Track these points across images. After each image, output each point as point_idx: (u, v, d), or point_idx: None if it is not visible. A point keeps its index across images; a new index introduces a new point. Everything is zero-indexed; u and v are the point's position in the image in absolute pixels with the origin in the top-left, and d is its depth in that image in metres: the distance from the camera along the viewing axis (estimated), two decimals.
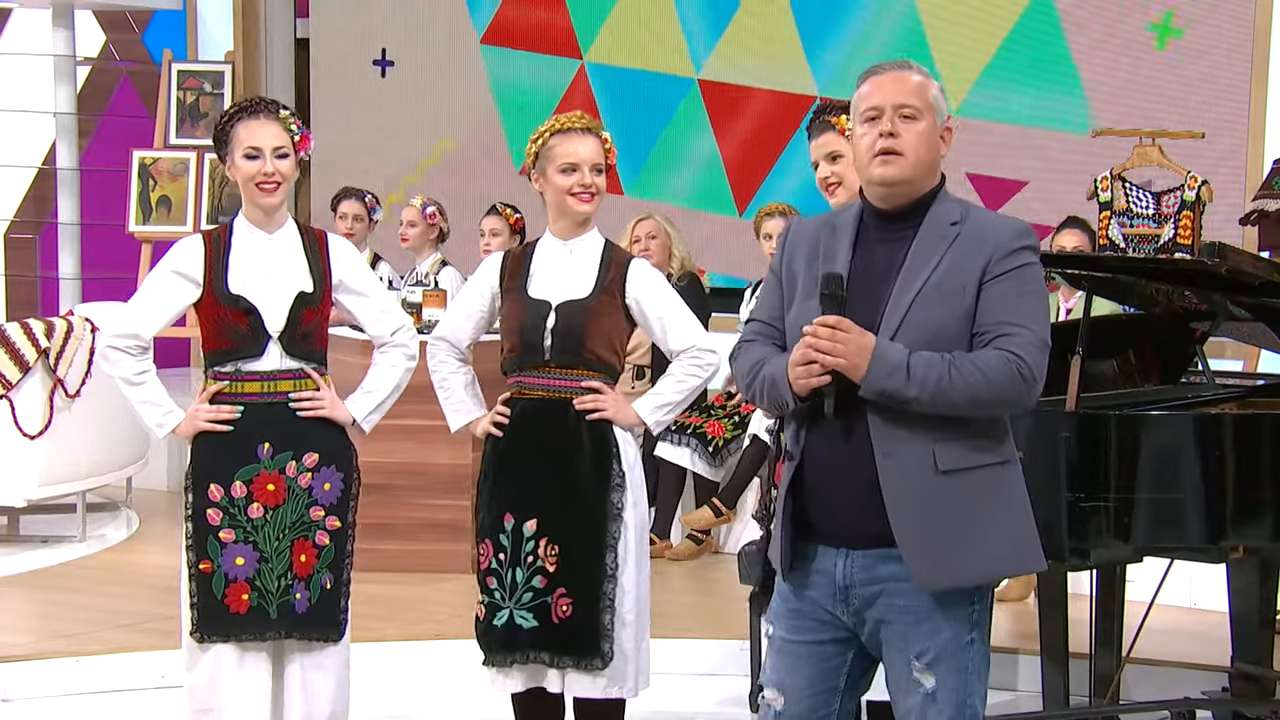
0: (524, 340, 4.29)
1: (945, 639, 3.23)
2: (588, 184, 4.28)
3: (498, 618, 4.29)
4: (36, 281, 11.00)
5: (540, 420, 4.29)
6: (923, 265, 3.20)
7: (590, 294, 4.28)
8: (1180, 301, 4.99)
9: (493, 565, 4.31)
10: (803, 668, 3.34)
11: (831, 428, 3.20)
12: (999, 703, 5.27)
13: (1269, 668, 4.99)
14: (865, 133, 3.24)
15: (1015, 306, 3.18)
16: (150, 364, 4.33)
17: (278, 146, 4.27)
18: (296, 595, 4.27)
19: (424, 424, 6.59)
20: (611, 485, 4.29)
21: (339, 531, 4.34)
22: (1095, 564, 4.64)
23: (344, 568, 4.36)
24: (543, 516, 4.27)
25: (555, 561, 4.25)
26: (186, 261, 4.30)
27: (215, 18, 10.49)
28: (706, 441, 7.25)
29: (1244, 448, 4.36)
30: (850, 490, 3.21)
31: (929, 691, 3.23)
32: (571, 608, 4.24)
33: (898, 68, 3.28)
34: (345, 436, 4.39)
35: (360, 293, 4.42)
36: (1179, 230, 6.83)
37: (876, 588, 3.24)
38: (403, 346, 4.48)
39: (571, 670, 4.26)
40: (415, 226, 7.90)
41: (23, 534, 7.72)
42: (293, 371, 4.29)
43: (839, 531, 3.25)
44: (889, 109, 3.22)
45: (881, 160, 3.22)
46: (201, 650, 4.29)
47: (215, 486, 4.26)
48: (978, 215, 3.28)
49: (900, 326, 3.16)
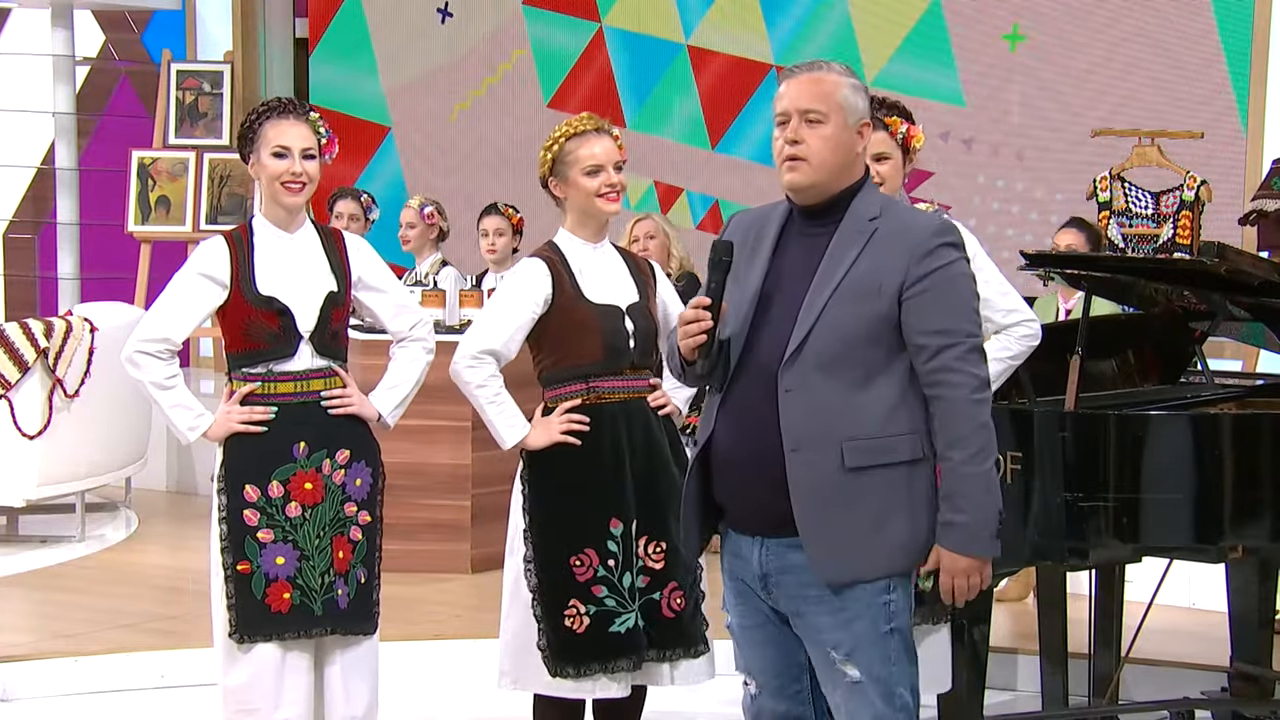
0: (608, 345, 4.26)
1: (861, 629, 3.25)
2: (614, 183, 4.29)
3: (618, 624, 4.24)
4: (35, 281, 11.01)
5: (622, 422, 4.29)
6: (839, 263, 3.25)
7: (641, 296, 4.35)
8: (1179, 301, 4.99)
9: (600, 573, 4.24)
10: (760, 650, 3.41)
11: (742, 415, 3.27)
12: (998, 703, 5.27)
13: (1268, 668, 5.00)
14: (776, 136, 3.31)
15: (945, 313, 3.23)
16: (178, 368, 4.31)
17: (306, 147, 4.26)
18: (339, 591, 4.28)
19: (424, 424, 6.60)
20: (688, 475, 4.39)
21: (370, 526, 4.36)
22: (1094, 564, 4.65)
23: (375, 561, 4.38)
24: (641, 516, 4.29)
25: (663, 558, 4.29)
26: (213, 264, 4.26)
27: (214, 18, 10.49)
28: None
29: (1243, 448, 4.36)
30: (757, 478, 3.26)
31: (854, 681, 3.26)
32: (684, 601, 4.31)
33: (809, 69, 3.31)
34: (371, 432, 4.41)
35: (379, 289, 4.43)
36: (1178, 230, 6.83)
37: (789, 576, 3.28)
38: (421, 341, 4.49)
39: (685, 659, 4.33)
40: (414, 227, 7.89)
41: (22, 534, 7.72)
42: (322, 370, 4.29)
43: (747, 517, 3.32)
44: (795, 114, 3.27)
45: (788, 166, 3.29)
46: (242, 651, 4.24)
47: (251, 487, 4.24)
48: (896, 211, 3.32)
49: (815, 326, 3.21)
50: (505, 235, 7.46)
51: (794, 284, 3.27)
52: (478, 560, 6.81)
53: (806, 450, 3.20)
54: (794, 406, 3.21)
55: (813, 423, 3.20)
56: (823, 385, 3.19)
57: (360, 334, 6.50)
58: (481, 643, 4.47)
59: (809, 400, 3.20)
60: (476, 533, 6.83)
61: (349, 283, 4.35)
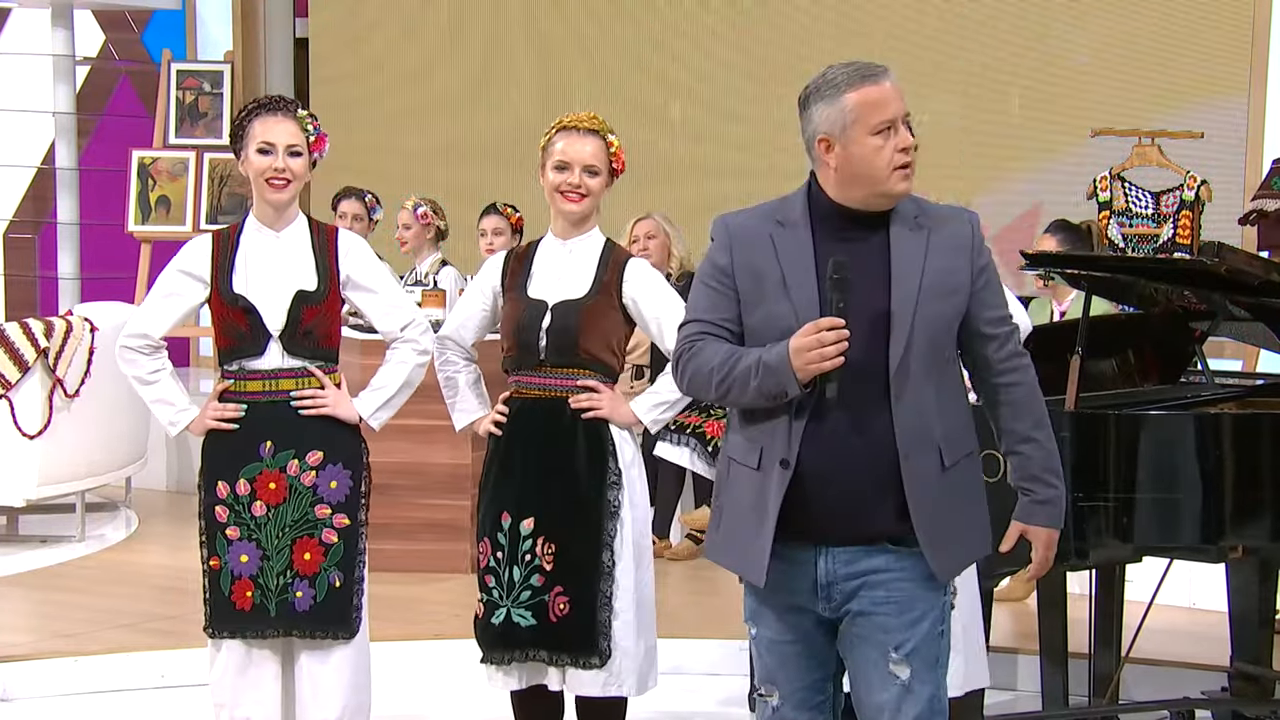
0: (520, 340, 4.30)
1: (925, 630, 3.25)
2: (575, 184, 4.29)
3: (496, 616, 4.30)
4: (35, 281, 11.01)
5: (536, 419, 4.31)
6: (911, 263, 3.21)
7: (586, 294, 4.30)
8: (1180, 301, 4.99)
9: (490, 564, 4.33)
10: (792, 663, 3.35)
11: (837, 433, 3.17)
12: (999, 702, 5.27)
13: (1268, 667, 4.99)
14: (880, 145, 3.17)
15: (1001, 301, 3.32)
16: (164, 362, 4.37)
17: (291, 144, 4.27)
18: (298, 593, 4.27)
19: (424, 424, 6.60)
20: (608, 483, 4.30)
21: (349, 529, 4.34)
22: (1095, 564, 4.64)
23: (356, 565, 4.36)
24: (539, 515, 4.28)
25: (552, 560, 4.26)
26: (194, 261, 4.32)
27: (214, 17, 10.50)
28: (706, 441, 7.24)
29: (1243, 448, 4.36)
30: (857, 491, 3.19)
31: (904, 683, 3.24)
32: (569, 605, 4.25)
33: (885, 71, 3.23)
34: (355, 434, 4.40)
35: (368, 289, 4.42)
36: (1178, 230, 6.83)
37: (858, 581, 3.24)
38: (413, 342, 4.47)
39: (570, 668, 4.28)
40: (410, 228, 7.89)
41: (22, 534, 7.72)
42: (294, 370, 4.30)
43: (832, 532, 3.23)
44: (899, 120, 3.20)
45: (903, 175, 3.20)
46: (215, 647, 4.34)
47: (222, 484, 4.29)
48: (925, 206, 3.30)
49: (911, 330, 3.16)
50: (504, 235, 7.46)
51: (860, 288, 3.16)
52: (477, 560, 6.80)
53: (916, 455, 3.17)
54: (906, 413, 3.16)
55: (919, 426, 3.17)
56: (923, 388, 3.17)
57: (360, 334, 6.51)
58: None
59: (915, 404, 3.17)
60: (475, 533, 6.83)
61: (334, 282, 4.33)
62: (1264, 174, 6.97)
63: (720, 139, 9.11)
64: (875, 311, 3.18)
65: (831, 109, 3.18)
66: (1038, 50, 8.12)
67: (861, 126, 3.17)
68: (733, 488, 3.32)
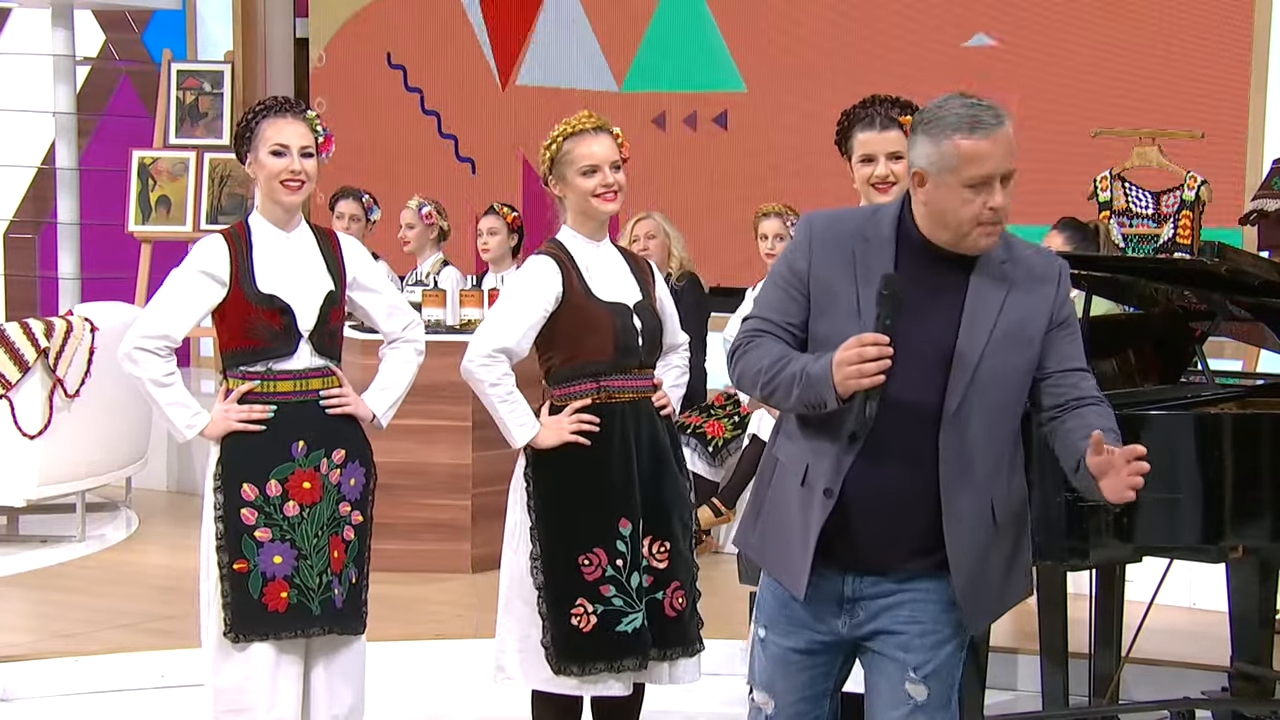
0: (620, 344, 4.27)
1: (947, 653, 3.25)
2: (610, 183, 4.29)
3: (625, 623, 4.25)
4: (36, 281, 11.01)
5: (636, 421, 4.31)
6: (987, 310, 3.13)
7: (643, 294, 4.38)
8: (1180, 301, 4.99)
9: (609, 573, 4.25)
10: (795, 674, 3.33)
11: (884, 469, 3.13)
12: (999, 702, 5.27)
13: (1269, 667, 4.99)
14: (969, 199, 3.06)
15: (1076, 350, 3.22)
16: (175, 365, 4.30)
17: (304, 146, 4.27)
18: (335, 591, 4.29)
19: (424, 424, 6.62)
20: (686, 476, 4.46)
21: (361, 526, 4.38)
22: (1095, 563, 4.64)
23: (365, 561, 4.40)
24: (647, 516, 4.31)
25: (666, 557, 4.33)
26: (213, 261, 4.25)
27: (215, 17, 10.49)
28: (706, 441, 7.25)
29: (1243, 448, 4.36)
30: (898, 530, 3.17)
31: (919, 704, 3.23)
32: (684, 600, 4.37)
33: (1000, 123, 3.07)
34: (364, 432, 4.42)
35: (372, 290, 4.44)
36: (1178, 230, 6.83)
37: (882, 600, 3.23)
38: (413, 342, 4.51)
39: (681, 659, 4.38)
40: (414, 229, 7.90)
41: (22, 534, 7.73)
42: (320, 369, 4.31)
43: (867, 564, 3.21)
44: (997, 177, 3.07)
45: (985, 232, 3.10)
46: (236, 650, 4.24)
47: (249, 486, 4.24)
48: (1018, 248, 3.21)
49: (973, 378, 3.11)
50: (499, 235, 7.48)
51: (930, 326, 3.12)
52: (478, 560, 6.81)
53: (962, 506, 3.14)
54: (952, 459, 3.12)
55: (968, 477, 3.13)
56: (979, 439, 3.12)
57: (359, 334, 6.51)
58: (481, 642, 4.47)
59: (964, 454, 3.12)
60: (476, 532, 6.84)
61: (344, 283, 4.36)
62: (1264, 174, 6.97)
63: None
64: (940, 351, 3.12)
65: (933, 148, 3.09)
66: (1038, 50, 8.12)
67: (956, 176, 3.07)
68: (776, 492, 3.29)
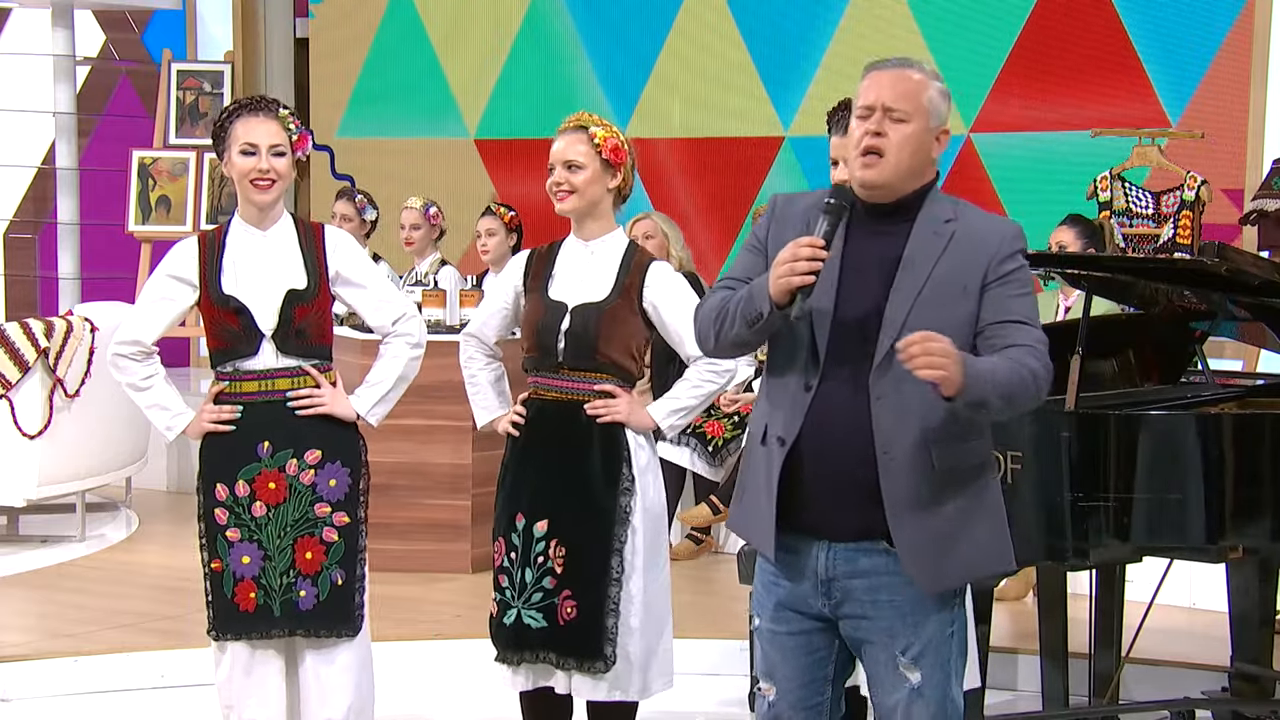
0: (539, 342, 4.30)
1: (931, 633, 3.24)
2: (559, 181, 4.31)
3: (507, 616, 4.30)
4: (36, 281, 11.02)
5: (553, 422, 4.30)
6: (920, 267, 3.18)
7: (606, 297, 4.28)
8: (1180, 301, 4.99)
9: (504, 564, 4.33)
10: (790, 658, 3.34)
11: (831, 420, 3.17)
12: (999, 702, 5.27)
13: (1268, 667, 4.99)
14: (855, 129, 3.21)
15: (1018, 306, 3.20)
16: (156, 367, 4.34)
17: (274, 144, 4.27)
18: (301, 593, 4.27)
19: (424, 424, 6.62)
20: (621, 489, 4.28)
21: (348, 527, 4.34)
22: (1095, 564, 4.64)
23: (357, 563, 4.36)
24: (553, 518, 4.27)
25: (563, 563, 4.26)
26: (181, 265, 4.33)
27: (215, 17, 10.50)
28: (706, 441, 7.25)
29: (1243, 448, 4.36)
30: (846, 483, 3.19)
31: (914, 687, 3.23)
32: (576, 610, 4.24)
33: (899, 65, 3.23)
34: (353, 432, 4.39)
35: (358, 284, 4.40)
36: (1178, 230, 6.83)
37: (858, 581, 3.23)
38: (406, 335, 4.45)
39: (576, 672, 4.27)
40: (419, 228, 7.88)
41: (22, 534, 7.72)
42: (289, 369, 4.29)
43: (825, 524, 3.23)
44: (880, 109, 3.19)
45: (863, 162, 3.19)
46: (219, 649, 4.33)
47: (221, 486, 4.28)
48: (970, 214, 3.26)
49: (902, 328, 3.13)
50: (497, 235, 7.48)
51: (869, 284, 3.18)
52: (478, 560, 6.81)
53: (898, 455, 3.14)
54: (886, 412, 3.14)
55: (903, 427, 3.14)
56: (913, 390, 3.11)
57: (358, 334, 6.51)
58: (482, 643, 4.46)
59: (900, 404, 3.14)
60: (476, 533, 6.83)
61: (324, 279, 4.32)
62: (1264, 174, 6.97)
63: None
64: (871, 308, 3.17)
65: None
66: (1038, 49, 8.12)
67: (854, 113, 3.24)
68: (747, 457, 3.35)
